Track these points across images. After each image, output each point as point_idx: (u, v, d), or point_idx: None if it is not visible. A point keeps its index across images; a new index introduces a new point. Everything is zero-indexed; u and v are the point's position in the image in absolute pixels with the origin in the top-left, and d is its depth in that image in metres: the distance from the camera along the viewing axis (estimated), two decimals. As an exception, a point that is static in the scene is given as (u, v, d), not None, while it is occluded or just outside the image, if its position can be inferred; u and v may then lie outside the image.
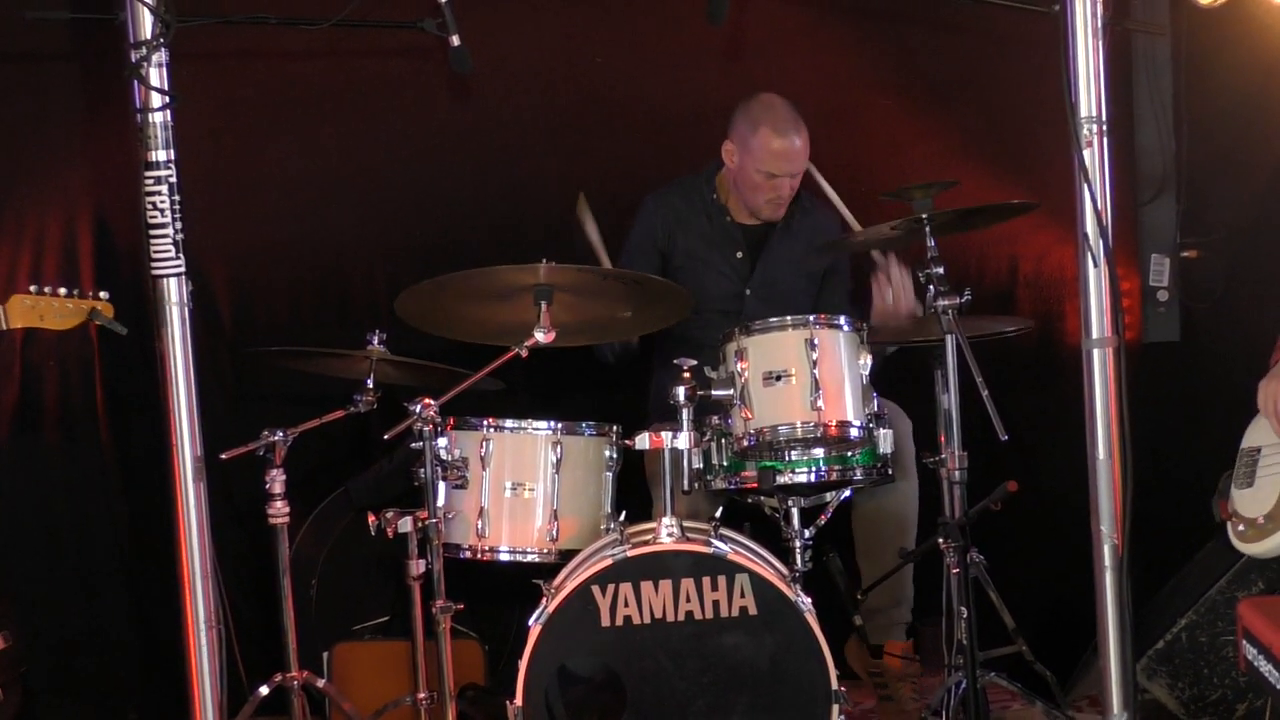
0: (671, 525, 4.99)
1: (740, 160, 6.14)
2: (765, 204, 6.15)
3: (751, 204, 6.18)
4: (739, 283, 6.21)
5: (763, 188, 6.11)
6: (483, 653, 6.18)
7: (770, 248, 6.23)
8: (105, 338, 6.48)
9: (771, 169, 6.07)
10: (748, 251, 6.23)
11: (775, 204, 6.15)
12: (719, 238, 6.23)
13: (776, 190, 6.10)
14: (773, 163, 6.06)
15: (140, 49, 4.78)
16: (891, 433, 5.40)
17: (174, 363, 4.90)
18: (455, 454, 5.24)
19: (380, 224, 6.81)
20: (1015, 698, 5.55)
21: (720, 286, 6.18)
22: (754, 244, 6.25)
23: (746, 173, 6.12)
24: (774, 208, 6.17)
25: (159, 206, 4.87)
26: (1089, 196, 4.90)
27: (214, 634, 4.95)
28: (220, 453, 5.26)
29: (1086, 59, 4.91)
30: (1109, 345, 4.94)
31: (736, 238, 6.24)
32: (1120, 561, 4.94)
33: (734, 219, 6.26)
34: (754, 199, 6.15)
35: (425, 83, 6.76)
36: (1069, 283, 6.86)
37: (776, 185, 6.10)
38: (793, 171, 6.11)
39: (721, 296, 6.16)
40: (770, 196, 6.12)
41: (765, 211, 6.17)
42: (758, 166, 6.08)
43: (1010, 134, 6.94)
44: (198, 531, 4.94)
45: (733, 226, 6.24)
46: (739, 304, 6.18)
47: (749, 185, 6.13)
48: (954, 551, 5.14)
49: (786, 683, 4.88)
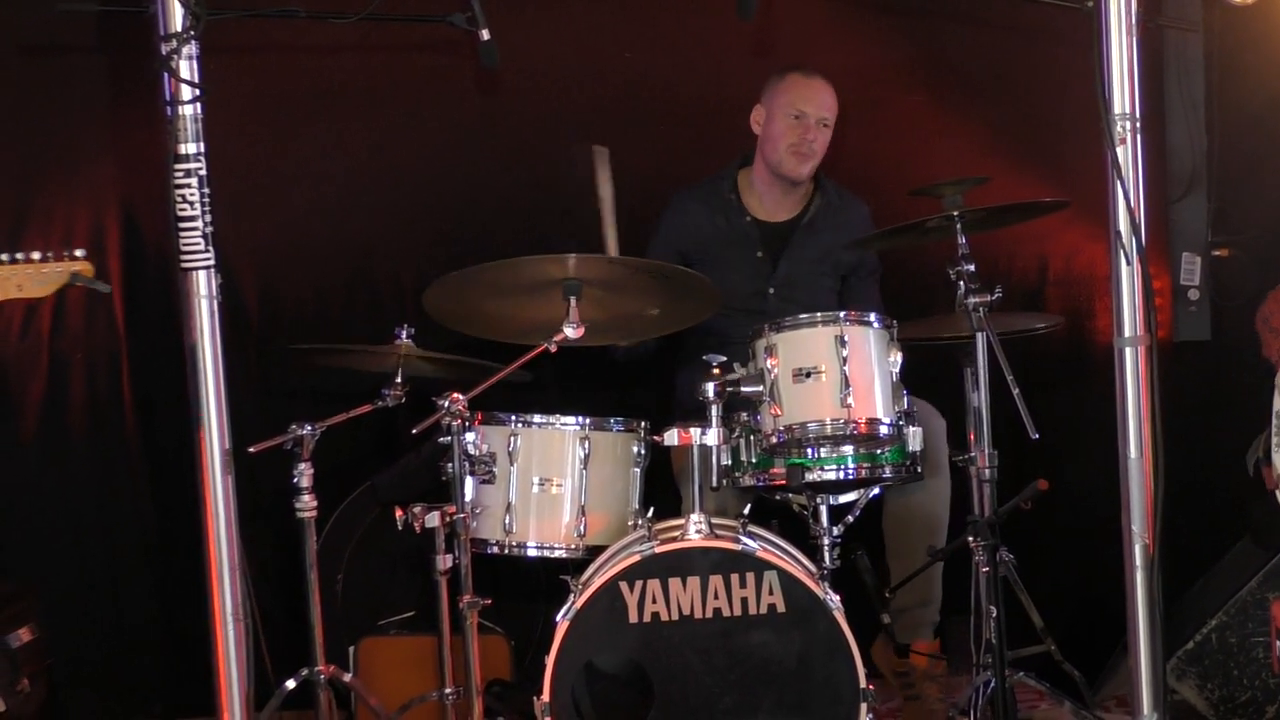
0: (700, 522, 4.98)
1: (768, 112, 6.15)
2: (788, 152, 6.10)
3: (776, 160, 6.14)
4: (761, 281, 6.19)
5: (788, 133, 6.09)
6: (509, 648, 6.17)
7: (792, 246, 6.21)
8: (132, 330, 6.51)
9: (800, 105, 6.08)
10: (768, 250, 6.21)
11: (799, 153, 6.11)
12: (737, 238, 6.21)
13: (803, 134, 6.08)
14: (800, 99, 6.08)
15: (171, 41, 4.78)
16: (921, 430, 5.37)
17: (203, 356, 4.89)
18: (483, 449, 5.23)
19: (408, 219, 6.81)
20: (1043, 697, 5.54)
21: (742, 285, 6.15)
22: (775, 242, 6.22)
23: (773, 121, 6.12)
24: (797, 161, 6.11)
25: (188, 199, 4.86)
26: (1122, 194, 4.87)
27: (241, 627, 4.95)
28: (248, 446, 5.26)
29: (1120, 55, 4.88)
30: (1141, 344, 4.92)
31: (754, 237, 6.21)
32: (1151, 561, 4.91)
33: (754, 217, 6.23)
34: (778, 150, 6.12)
35: (454, 77, 6.75)
36: (1099, 281, 6.85)
37: (803, 129, 6.08)
38: (819, 114, 6.10)
39: (744, 295, 6.13)
40: (794, 140, 6.09)
41: (787, 165, 6.12)
42: (785, 108, 6.09)
43: (1039, 130, 6.92)
44: (225, 525, 4.94)
45: (751, 226, 6.22)
46: (762, 302, 6.16)
47: (776, 135, 6.12)
48: (983, 550, 5.13)
49: (814, 681, 4.86)
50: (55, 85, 6.53)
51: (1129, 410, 4.95)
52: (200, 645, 5.03)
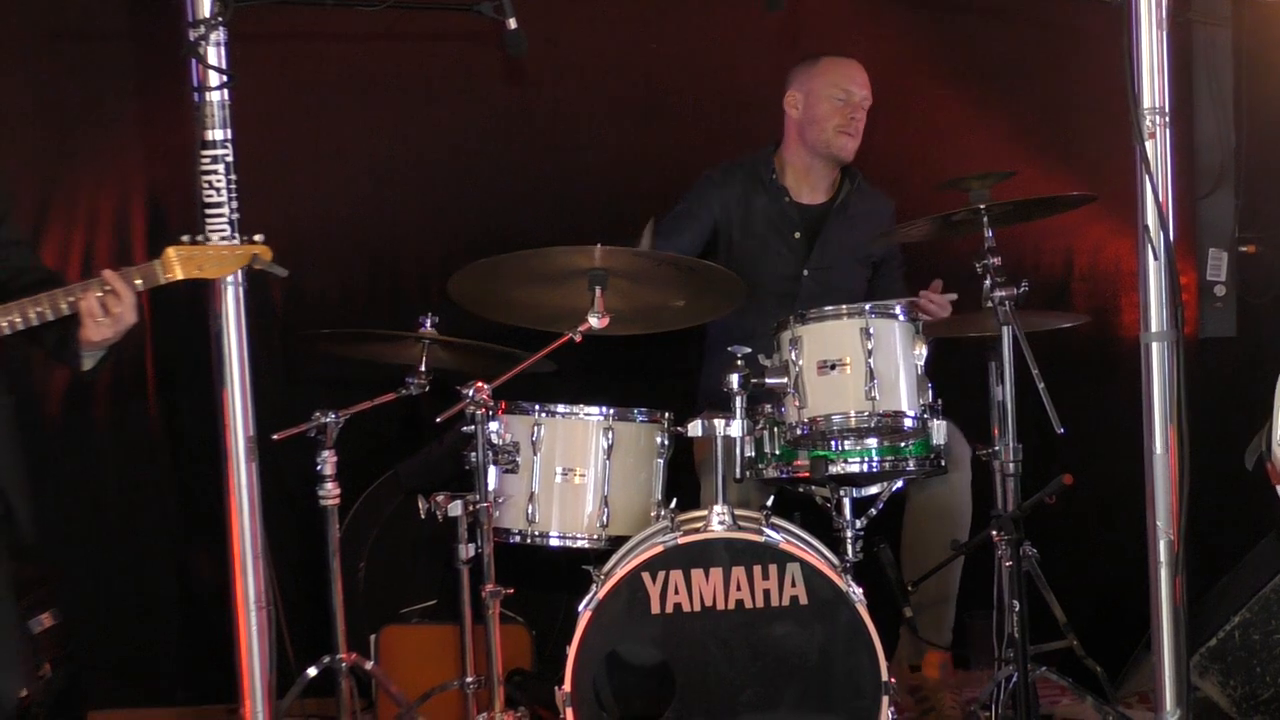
0: (723, 513, 4.97)
1: (807, 96, 6.17)
2: (836, 133, 6.13)
3: (822, 142, 6.16)
4: (796, 264, 6.18)
5: (833, 115, 6.12)
6: (530, 638, 6.17)
7: (827, 230, 6.21)
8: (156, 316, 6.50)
9: (844, 85, 6.13)
10: (805, 233, 6.20)
11: (849, 132, 6.14)
12: (778, 218, 6.21)
13: (849, 115, 6.12)
14: (843, 80, 6.14)
15: (199, 28, 4.78)
16: (945, 424, 5.36)
17: (228, 343, 4.90)
18: (506, 438, 5.22)
19: (433, 207, 6.81)
20: (1065, 693, 5.52)
21: (778, 268, 6.16)
22: (811, 225, 6.22)
23: (815, 105, 6.15)
24: (846, 141, 6.15)
25: (215, 185, 4.86)
26: (1150, 189, 4.85)
27: (263, 614, 4.95)
28: (272, 434, 5.26)
29: (1150, 50, 4.87)
30: (1168, 339, 4.90)
31: (794, 218, 6.21)
32: (1175, 557, 4.90)
33: (793, 199, 6.23)
34: (825, 132, 6.14)
35: (480, 66, 6.75)
36: (1125, 276, 6.84)
37: (850, 109, 6.12)
38: (861, 94, 6.15)
39: (778, 278, 6.14)
40: (840, 122, 6.12)
41: (835, 146, 6.15)
42: (828, 91, 6.13)
43: (1066, 124, 6.91)
44: (249, 512, 4.94)
45: (791, 207, 6.22)
46: (795, 286, 6.16)
47: (820, 118, 6.14)
48: (1007, 544, 5.11)
49: (836, 673, 4.85)
50: (83, 70, 6.54)
51: (1154, 406, 4.94)
52: (222, 632, 5.03)
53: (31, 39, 6.52)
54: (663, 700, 4.87)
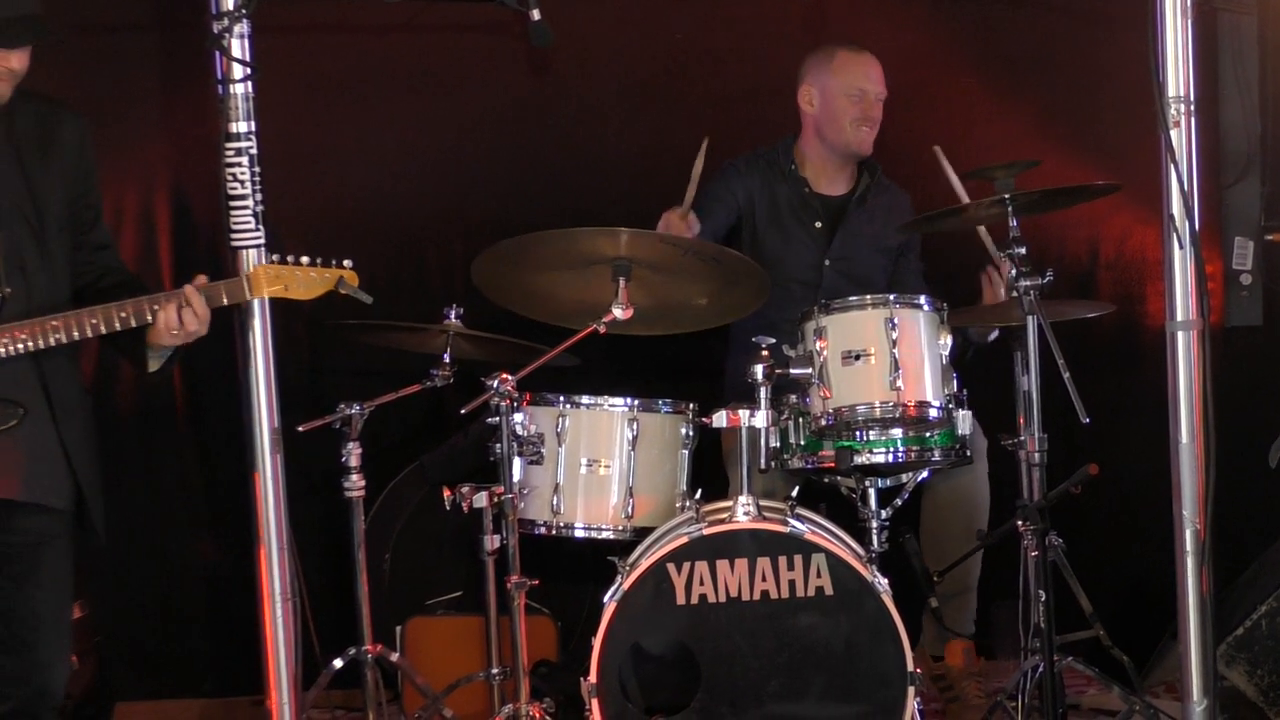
0: (748, 504, 4.97)
1: (822, 93, 6.16)
2: (854, 128, 6.13)
3: (839, 138, 6.16)
4: (818, 253, 6.18)
5: (850, 111, 6.12)
6: (555, 629, 6.17)
7: (848, 220, 6.21)
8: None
9: (859, 83, 6.11)
10: (826, 222, 6.20)
11: (865, 126, 6.14)
12: (800, 207, 6.21)
13: (865, 110, 6.11)
14: (858, 77, 6.12)
15: (223, 20, 4.78)
16: (970, 414, 5.35)
17: (253, 335, 4.90)
18: (531, 430, 5.22)
19: (457, 199, 6.81)
20: (1091, 682, 5.50)
21: (801, 257, 6.16)
22: (832, 216, 6.22)
23: (831, 101, 6.14)
24: (864, 134, 6.15)
25: (239, 178, 4.86)
26: (1176, 178, 4.84)
27: (289, 606, 4.95)
28: (296, 426, 5.27)
29: (1175, 38, 4.84)
30: (1194, 328, 4.88)
31: (815, 207, 6.21)
32: (1202, 547, 4.89)
33: (813, 189, 6.22)
34: (842, 128, 6.14)
35: (503, 57, 6.75)
36: (1150, 265, 6.83)
37: (865, 104, 6.11)
38: (877, 89, 6.14)
39: (801, 267, 6.15)
40: (857, 116, 6.12)
41: (853, 141, 6.15)
42: (843, 88, 6.12)
43: (1090, 113, 6.88)
44: (274, 503, 4.94)
45: (812, 197, 6.22)
46: (817, 275, 6.16)
47: (837, 113, 6.14)
48: (1033, 534, 5.11)
49: (862, 663, 4.85)
50: (107, 63, 6.54)
51: (1180, 395, 4.92)
52: (248, 624, 5.04)
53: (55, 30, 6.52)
54: (688, 691, 4.87)
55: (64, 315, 4.50)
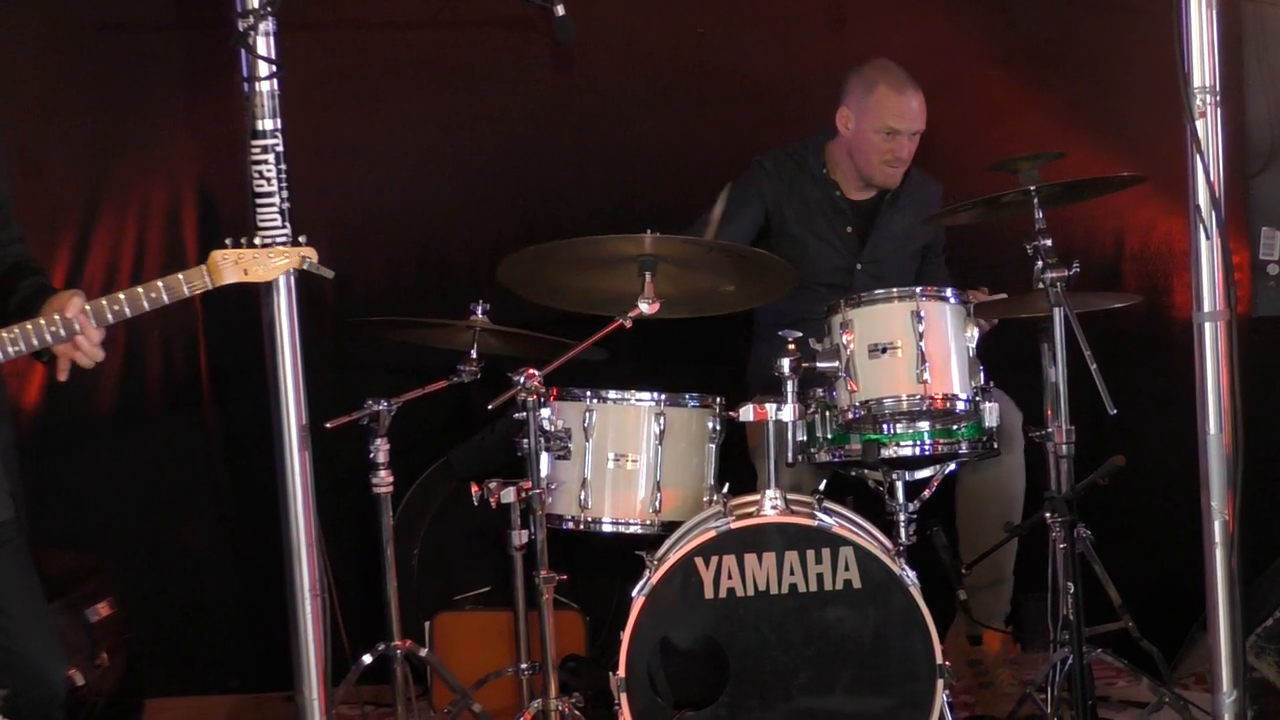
0: (775, 498, 4.97)
1: (857, 124, 6.10)
2: (881, 165, 6.09)
3: (867, 170, 6.13)
4: (849, 258, 6.17)
5: (880, 148, 6.06)
6: (584, 623, 6.19)
7: (879, 223, 6.19)
8: (209, 306, 6.53)
9: (892, 124, 6.03)
10: (857, 227, 6.19)
11: (893, 166, 6.09)
12: (830, 210, 6.19)
13: (895, 151, 6.06)
14: (892, 117, 6.03)
15: (248, 18, 4.78)
16: (997, 406, 5.34)
17: (280, 331, 4.89)
18: (558, 424, 5.22)
19: (482, 194, 6.82)
20: (1121, 674, 5.52)
21: (829, 260, 6.14)
22: (863, 220, 6.20)
23: (864, 134, 6.08)
24: (891, 171, 6.11)
25: (265, 175, 4.86)
26: (1201, 168, 4.82)
27: (318, 602, 4.95)
28: (323, 422, 5.28)
29: (1200, 28, 4.82)
30: (1221, 319, 4.87)
31: (846, 212, 6.19)
32: (1230, 538, 4.87)
33: (843, 194, 6.20)
34: (870, 163, 6.10)
35: (528, 53, 6.75)
36: (1176, 256, 6.81)
37: (895, 145, 6.05)
38: (912, 129, 6.07)
39: (831, 270, 6.13)
40: (888, 157, 6.06)
41: (879, 176, 6.12)
42: (876, 125, 6.04)
43: (1115, 104, 6.87)
44: (302, 500, 4.93)
45: (842, 201, 6.19)
46: (848, 279, 6.14)
47: (867, 148, 6.09)
48: (1061, 526, 5.10)
49: (890, 657, 4.85)
50: (133, 61, 6.57)
51: (1208, 386, 4.90)
52: (277, 620, 5.04)
53: (82, 30, 6.55)
54: (717, 685, 4.87)
55: (20, 326, 4.25)
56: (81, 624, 5.77)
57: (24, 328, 4.26)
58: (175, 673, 6.65)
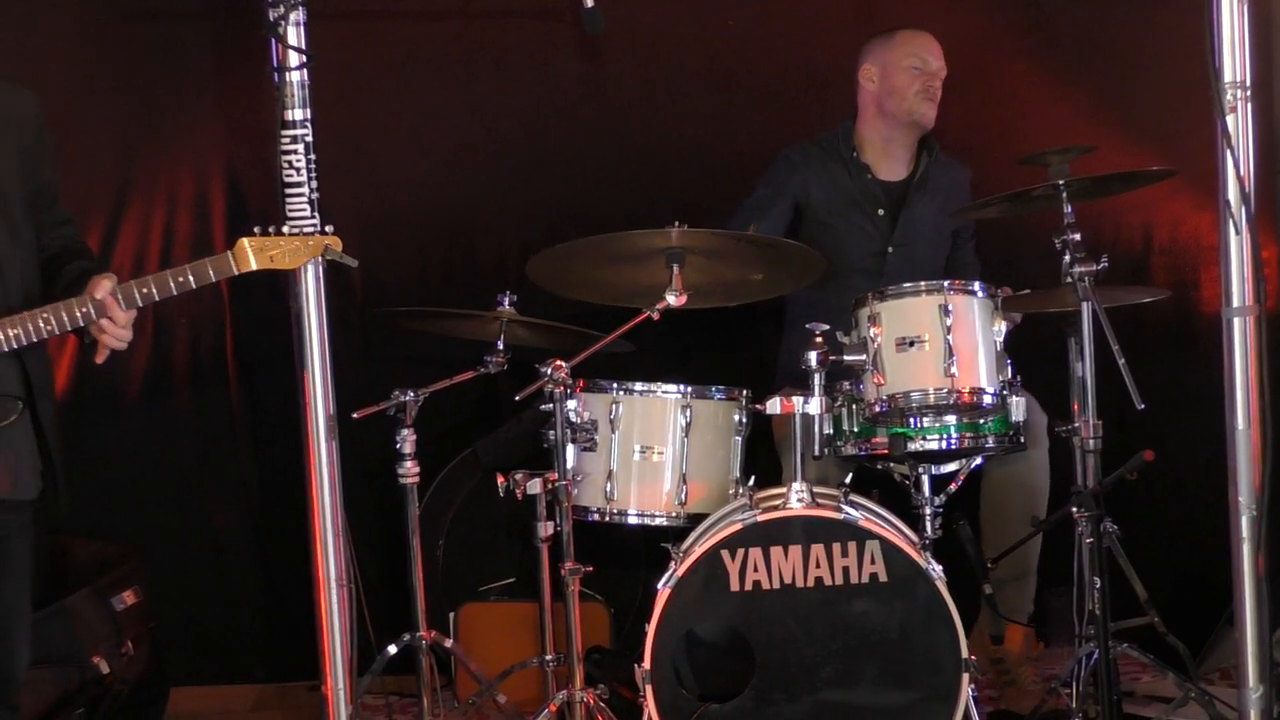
0: (801, 490, 4.97)
1: (883, 69, 6.16)
2: (917, 98, 6.12)
3: (902, 110, 6.14)
4: (881, 241, 6.16)
5: (913, 82, 6.12)
6: (609, 615, 6.20)
7: (910, 205, 6.19)
8: (236, 296, 6.54)
9: (920, 55, 6.12)
10: (889, 209, 6.18)
11: (928, 99, 6.13)
12: (861, 195, 6.18)
13: (927, 83, 6.12)
14: (919, 50, 6.13)
15: (279, 8, 4.79)
16: (1024, 400, 5.33)
17: (308, 321, 4.90)
18: (585, 416, 5.23)
19: (509, 185, 6.81)
20: (1147, 669, 5.50)
21: (862, 245, 6.14)
22: (895, 202, 6.21)
23: (892, 76, 6.14)
24: (927, 107, 6.13)
25: (295, 165, 4.88)
26: (1232, 163, 4.81)
27: (344, 593, 4.97)
28: (351, 412, 5.29)
29: (1231, 22, 4.81)
30: (1250, 314, 4.85)
31: (878, 194, 6.19)
32: (1258, 533, 4.86)
33: (875, 175, 6.20)
34: (906, 99, 6.13)
35: (556, 44, 6.76)
36: (1205, 251, 6.79)
37: (926, 76, 6.12)
38: (937, 64, 6.14)
39: (863, 255, 6.13)
40: (920, 89, 6.11)
41: (917, 112, 6.13)
42: (904, 61, 6.12)
43: (1144, 98, 6.85)
44: (329, 490, 4.95)
45: (874, 184, 6.20)
46: (880, 263, 6.14)
47: (901, 86, 6.13)
48: (1087, 521, 5.09)
49: (916, 650, 4.84)
50: (162, 51, 6.58)
51: (1236, 381, 4.89)
52: (303, 610, 5.06)
53: (110, 20, 6.56)
54: (742, 677, 4.87)
55: (53, 307, 4.29)
56: (107, 612, 5.80)
57: (55, 309, 4.29)
58: (200, 662, 6.66)
